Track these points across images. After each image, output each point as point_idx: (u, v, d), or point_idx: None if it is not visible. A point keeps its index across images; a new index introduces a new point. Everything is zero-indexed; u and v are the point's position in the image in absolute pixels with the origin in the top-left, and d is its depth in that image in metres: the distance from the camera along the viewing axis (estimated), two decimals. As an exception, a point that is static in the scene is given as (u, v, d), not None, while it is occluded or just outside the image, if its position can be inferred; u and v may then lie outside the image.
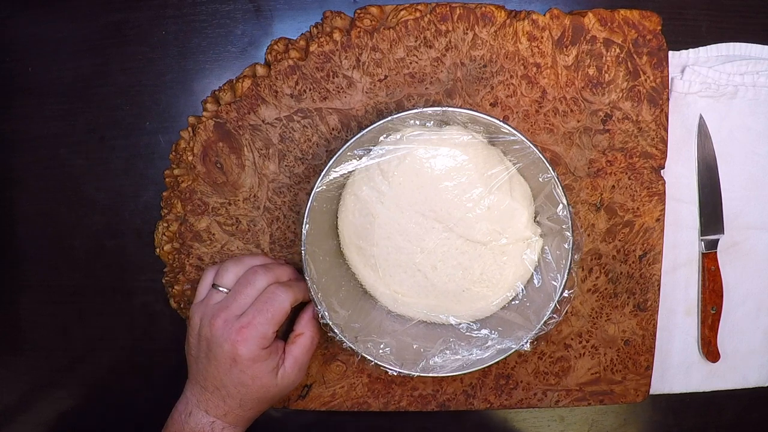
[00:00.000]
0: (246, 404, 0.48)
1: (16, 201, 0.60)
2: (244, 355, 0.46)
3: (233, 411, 0.48)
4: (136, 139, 0.58)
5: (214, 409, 0.48)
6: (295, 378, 0.50)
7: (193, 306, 0.50)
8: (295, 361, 0.50)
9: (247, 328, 0.46)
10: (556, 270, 0.50)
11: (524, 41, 0.53)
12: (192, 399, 0.49)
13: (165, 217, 0.57)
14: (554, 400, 0.58)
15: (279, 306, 0.47)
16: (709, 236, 0.59)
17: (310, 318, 0.51)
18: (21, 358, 0.62)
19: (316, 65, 0.53)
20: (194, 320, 0.49)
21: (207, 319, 0.48)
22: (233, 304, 0.47)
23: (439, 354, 0.51)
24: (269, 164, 0.55)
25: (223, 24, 0.56)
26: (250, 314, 0.47)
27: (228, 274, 0.50)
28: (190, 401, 0.49)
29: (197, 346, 0.49)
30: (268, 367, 0.48)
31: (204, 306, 0.49)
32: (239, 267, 0.50)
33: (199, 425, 0.48)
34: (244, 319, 0.47)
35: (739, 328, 0.60)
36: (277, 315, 0.47)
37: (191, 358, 0.50)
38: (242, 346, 0.46)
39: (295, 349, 0.50)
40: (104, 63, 0.57)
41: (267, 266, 0.50)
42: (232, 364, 0.47)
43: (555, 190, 0.48)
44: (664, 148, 0.55)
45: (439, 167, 0.50)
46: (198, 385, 0.49)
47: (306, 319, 0.51)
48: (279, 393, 0.50)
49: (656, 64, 0.54)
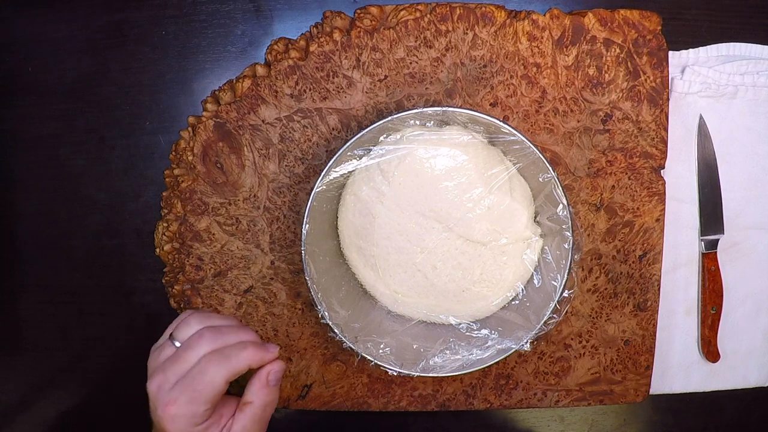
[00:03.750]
0: None
1: (16, 201, 0.60)
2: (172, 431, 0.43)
3: None
4: (136, 139, 0.58)
5: None
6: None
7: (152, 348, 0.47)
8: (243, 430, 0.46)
9: (173, 405, 0.43)
10: (556, 270, 0.50)
11: (524, 41, 0.53)
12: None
13: (165, 217, 0.57)
14: (554, 400, 0.58)
15: (208, 383, 0.43)
16: (709, 236, 0.59)
17: (262, 386, 0.46)
18: (21, 358, 0.62)
19: (316, 65, 0.53)
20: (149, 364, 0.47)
21: (150, 374, 0.45)
22: (170, 369, 0.44)
23: (439, 354, 0.51)
24: (269, 164, 0.55)
25: (223, 24, 0.56)
26: (177, 390, 0.43)
27: (186, 329, 0.46)
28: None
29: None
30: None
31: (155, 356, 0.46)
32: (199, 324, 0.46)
33: None
34: (172, 394, 0.43)
35: (739, 328, 0.60)
36: (204, 393, 0.43)
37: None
38: (168, 423, 0.43)
39: (243, 419, 0.46)
40: (104, 63, 0.57)
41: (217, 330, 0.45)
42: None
43: (555, 190, 0.48)
44: (664, 148, 0.55)
45: (439, 167, 0.50)
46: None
47: (257, 386, 0.46)
48: None
49: (656, 64, 0.54)
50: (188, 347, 0.44)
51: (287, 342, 0.57)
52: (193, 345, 0.44)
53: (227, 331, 0.46)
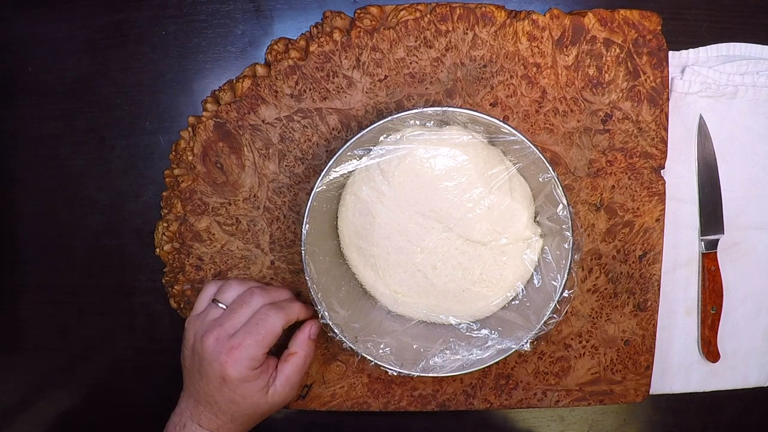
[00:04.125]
0: (237, 419, 0.49)
1: (16, 201, 0.60)
2: (233, 376, 0.47)
3: (225, 425, 0.49)
4: (136, 139, 0.58)
5: (207, 422, 0.49)
6: (286, 396, 0.51)
7: (189, 318, 0.51)
8: (286, 380, 0.50)
9: (237, 349, 0.47)
10: (556, 270, 0.50)
11: (524, 41, 0.53)
12: (186, 411, 0.50)
13: (165, 217, 0.57)
14: (554, 400, 0.58)
15: (269, 328, 0.48)
16: (709, 236, 0.59)
17: (305, 338, 0.51)
18: (21, 358, 0.62)
19: (316, 65, 0.53)
20: (188, 334, 0.50)
21: (200, 335, 0.48)
22: (227, 323, 0.48)
23: (439, 354, 0.51)
24: (269, 164, 0.55)
25: (223, 24, 0.56)
26: (241, 336, 0.47)
27: (231, 291, 0.50)
28: (184, 413, 0.50)
29: (191, 360, 0.49)
30: (258, 386, 0.48)
31: (200, 321, 0.49)
32: (242, 287, 0.51)
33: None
34: (235, 340, 0.47)
35: (739, 328, 0.60)
36: (267, 337, 0.48)
37: (186, 370, 0.50)
38: (231, 367, 0.47)
39: (287, 368, 0.50)
40: (104, 63, 0.57)
41: (264, 288, 0.51)
42: (221, 383, 0.47)
43: (555, 190, 0.48)
44: (664, 148, 0.55)
45: (439, 167, 0.50)
46: (192, 398, 0.49)
47: (301, 338, 0.51)
48: (270, 409, 0.50)
49: (656, 64, 0.54)
50: (243, 303, 0.49)
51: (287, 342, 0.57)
52: (248, 300, 0.49)
53: (271, 288, 0.51)
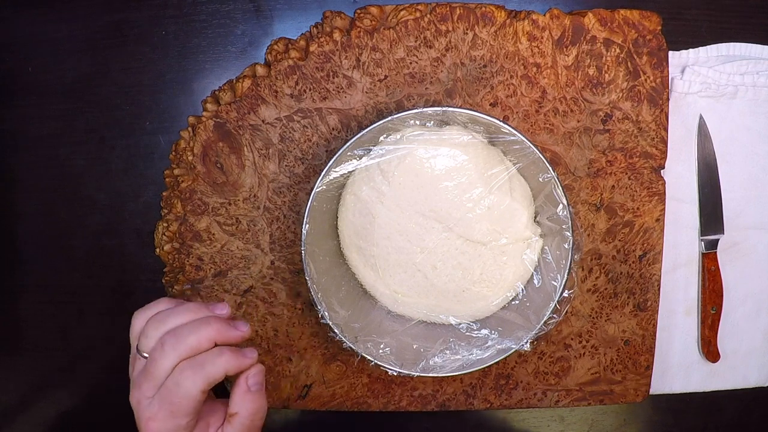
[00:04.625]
0: None
1: (16, 201, 0.60)
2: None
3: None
4: (136, 139, 0.58)
5: None
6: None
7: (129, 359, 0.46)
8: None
9: (154, 421, 0.41)
10: (556, 270, 0.50)
11: (524, 41, 0.53)
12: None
13: (165, 217, 0.57)
14: (554, 400, 0.58)
15: (183, 395, 0.40)
16: (709, 236, 0.59)
17: (244, 393, 0.43)
18: (21, 358, 0.62)
19: (316, 65, 0.53)
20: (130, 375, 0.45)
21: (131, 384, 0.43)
22: (144, 383, 0.42)
23: (439, 354, 0.51)
24: (269, 164, 0.55)
25: (223, 24, 0.56)
26: (155, 406, 0.41)
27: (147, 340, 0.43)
28: None
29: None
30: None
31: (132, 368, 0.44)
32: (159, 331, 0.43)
33: None
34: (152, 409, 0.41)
35: (739, 328, 0.60)
36: (183, 406, 0.41)
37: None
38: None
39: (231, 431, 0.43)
40: (104, 63, 0.57)
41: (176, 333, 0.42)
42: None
43: (555, 190, 0.48)
44: (664, 148, 0.55)
45: (439, 167, 0.50)
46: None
47: (239, 395, 0.43)
48: None
49: (656, 64, 0.54)
50: (153, 360, 0.42)
51: (287, 342, 0.57)
52: (157, 357, 0.41)
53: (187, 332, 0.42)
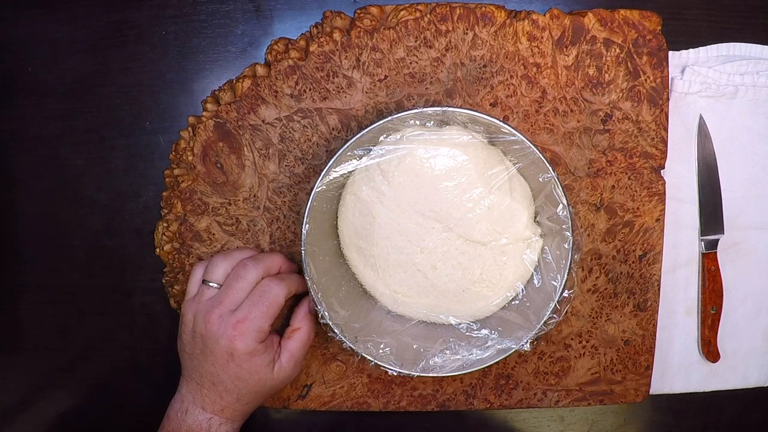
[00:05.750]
0: (243, 398, 0.49)
1: (16, 201, 0.60)
2: (241, 350, 0.46)
3: (230, 406, 0.49)
4: (136, 139, 0.58)
5: (211, 405, 0.48)
6: (291, 372, 0.50)
7: (185, 303, 0.50)
8: (291, 356, 0.50)
9: (243, 322, 0.46)
10: (556, 270, 0.50)
11: (524, 41, 0.53)
12: (188, 396, 0.49)
13: (165, 217, 0.57)
14: (554, 400, 0.58)
15: (273, 299, 0.47)
16: (709, 236, 0.59)
17: (306, 313, 0.52)
18: (21, 358, 0.62)
19: (316, 65, 0.53)
20: (187, 317, 0.49)
21: (201, 316, 0.48)
22: (226, 300, 0.47)
23: (439, 354, 0.51)
24: (269, 164, 0.55)
25: (223, 24, 0.56)
26: (246, 308, 0.47)
27: (217, 270, 0.49)
28: (185, 398, 0.49)
29: (191, 343, 0.49)
30: (265, 360, 0.48)
31: (196, 302, 0.49)
32: (228, 262, 0.50)
33: (196, 422, 0.48)
34: (240, 313, 0.47)
35: (739, 328, 0.60)
36: (271, 308, 0.47)
37: (185, 355, 0.50)
38: (239, 340, 0.46)
39: (292, 344, 0.50)
40: (104, 63, 0.57)
41: (257, 258, 0.50)
42: (229, 359, 0.47)
43: (555, 190, 0.48)
44: (664, 148, 0.55)
45: (439, 167, 0.50)
46: (193, 381, 0.49)
47: (302, 313, 0.52)
48: (275, 387, 0.50)
49: (656, 64, 0.54)
50: (238, 277, 0.48)
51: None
52: (243, 274, 0.48)
53: (263, 258, 0.50)
